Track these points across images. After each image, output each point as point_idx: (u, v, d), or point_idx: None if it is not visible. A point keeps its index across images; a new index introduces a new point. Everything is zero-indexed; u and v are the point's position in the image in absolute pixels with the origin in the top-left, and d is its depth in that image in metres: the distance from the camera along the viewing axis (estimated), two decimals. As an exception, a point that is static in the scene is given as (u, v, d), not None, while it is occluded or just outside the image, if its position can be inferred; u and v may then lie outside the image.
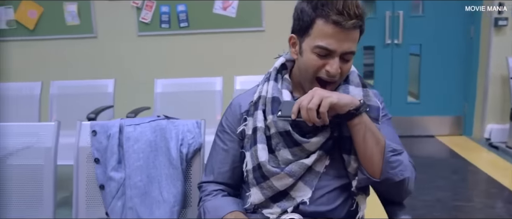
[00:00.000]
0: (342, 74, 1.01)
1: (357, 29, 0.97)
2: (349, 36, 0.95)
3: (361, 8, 0.95)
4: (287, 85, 1.09)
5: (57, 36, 3.62)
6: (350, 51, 0.98)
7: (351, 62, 1.02)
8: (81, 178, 1.40)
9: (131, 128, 1.38)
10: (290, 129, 1.01)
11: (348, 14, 0.92)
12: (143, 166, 1.33)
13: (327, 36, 0.95)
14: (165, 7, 3.50)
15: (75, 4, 3.54)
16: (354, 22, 0.93)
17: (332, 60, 0.97)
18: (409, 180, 1.00)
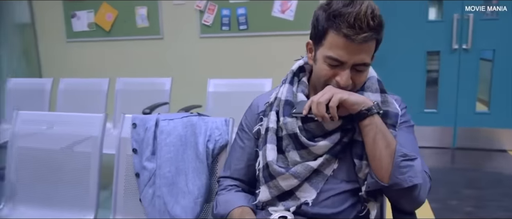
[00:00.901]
0: (355, 85, 1.01)
1: (371, 41, 0.95)
2: (361, 48, 0.94)
3: (378, 18, 0.93)
4: (303, 88, 1.10)
5: (128, 37, 3.94)
6: (363, 63, 0.97)
7: (366, 73, 1.02)
8: (121, 166, 1.54)
9: (165, 123, 1.48)
10: (298, 132, 1.03)
11: (359, 28, 0.91)
12: (173, 158, 1.43)
13: (338, 48, 0.95)
14: (226, 10, 3.64)
15: (145, 8, 3.83)
16: (365, 35, 0.92)
17: (343, 71, 0.97)
18: (420, 188, 0.96)
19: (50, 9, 4.12)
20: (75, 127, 1.64)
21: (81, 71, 4.09)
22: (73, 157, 1.60)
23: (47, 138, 1.66)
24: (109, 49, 4.03)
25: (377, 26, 0.93)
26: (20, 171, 1.67)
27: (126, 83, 3.00)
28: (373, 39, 0.95)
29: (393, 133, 1.01)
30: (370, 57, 0.98)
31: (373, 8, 0.93)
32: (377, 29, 0.94)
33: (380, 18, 0.94)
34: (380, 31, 0.96)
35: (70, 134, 1.63)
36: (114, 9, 3.92)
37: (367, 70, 1.01)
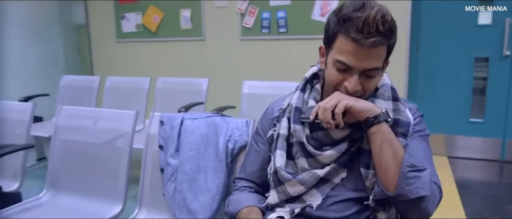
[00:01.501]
0: (365, 91, 0.99)
1: (381, 46, 0.94)
2: (370, 53, 0.93)
3: (388, 23, 0.92)
4: (315, 95, 1.10)
5: (172, 38, 4.09)
6: (373, 68, 0.96)
7: (377, 79, 1.00)
8: (148, 161, 1.62)
9: (189, 122, 1.54)
10: (304, 141, 1.04)
11: (368, 32, 0.90)
12: (194, 156, 1.48)
13: (347, 53, 0.94)
14: (266, 13, 3.68)
15: (189, 10, 3.96)
16: (374, 40, 0.91)
17: (351, 77, 0.96)
18: (427, 200, 0.94)
19: (103, 11, 4.38)
20: (109, 123, 1.75)
21: (128, 69, 4.30)
22: (106, 151, 1.70)
23: (85, 132, 1.79)
24: (154, 49, 4.21)
25: (387, 31, 0.92)
26: (61, 162, 1.81)
27: (166, 82, 3.13)
28: (382, 44, 0.93)
29: (404, 142, 0.99)
30: (380, 62, 0.96)
31: (383, 13, 0.92)
32: (387, 34, 0.92)
33: (391, 23, 0.93)
34: (391, 36, 0.94)
35: (104, 129, 1.75)
36: (160, 11, 4.09)
37: (378, 76, 1.00)
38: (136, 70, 4.24)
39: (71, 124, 1.83)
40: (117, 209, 1.62)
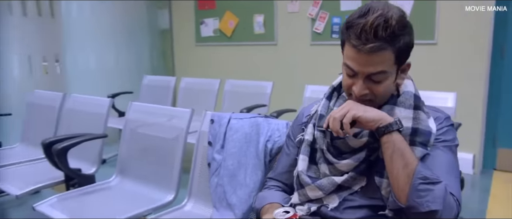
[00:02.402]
0: (375, 95, 1.00)
1: (382, 51, 0.93)
2: (370, 59, 0.94)
3: (391, 28, 0.91)
4: (341, 102, 1.12)
5: (246, 43, 4.28)
6: (377, 72, 0.96)
7: (386, 83, 0.99)
8: (199, 155, 1.76)
9: (235, 121, 1.64)
10: (324, 148, 1.08)
11: (365, 39, 0.92)
12: (236, 153, 1.58)
13: (350, 58, 0.97)
14: (337, 18, 3.67)
15: (262, 15, 4.10)
16: (371, 46, 0.91)
17: (357, 81, 0.98)
18: (439, 214, 0.90)
19: (185, 17, 4.73)
20: (168, 119, 1.93)
21: (205, 71, 4.58)
22: (164, 144, 1.88)
23: (148, 126, 2.00)
24: (229, 52, 4.43)
25: (388, 36, 0.91)
26: (129, 151, 2.04)
27: (234, 84, 3.29)
28: (383, 50, 0.93)
29: (423, 151, 0.98)
30: (385, 66, 0.95)
31: (386, 18, 0.91)
32: (388, 39, 0.92)
33: (394, 27, 0.91)
34: (394, 40, 0.92)
35: (164, 124, 1.93)
36: (236, 17, 4.30)
37: (387, 80, 0.98)
38: (212, 72, 4.50)
39: (138, 119, 2.05)
40: (170, 197, 1.79)
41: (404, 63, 1.01)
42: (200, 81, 3.51)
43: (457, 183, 0.98)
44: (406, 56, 1.00)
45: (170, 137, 1.87)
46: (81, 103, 2.43)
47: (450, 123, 1.06)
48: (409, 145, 0.98)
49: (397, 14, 0.93)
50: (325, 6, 3.70)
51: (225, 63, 4.48)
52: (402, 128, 0.97)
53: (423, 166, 0.94)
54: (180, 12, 4.80)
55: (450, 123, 1.06)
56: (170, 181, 1.82)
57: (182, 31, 4.82)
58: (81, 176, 2.00)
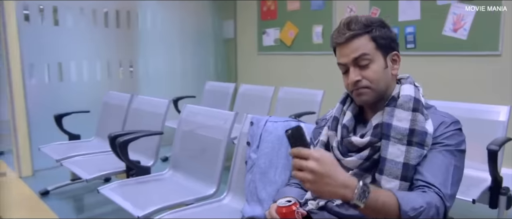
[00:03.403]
0: (369, 80, 1.12)
1: (359, 37, 1.10)
2: (350, 45, 1.11)
3: (360, 22, 1.10)
4: (354, 106, 1.23)
5: (305, 52, 4.39)
6: (359, 55, 1.10)
7: (374, 66, 1.11)
8: (239, 153, 1.93)
9: (270, 124, 1.79)
10: (334, 145, 1.19)
11: (341, 33, 1.12)
12: (269, 153, 1.72)
13: (338, 55, 1.16)
14: (395, 29, 3.64)
15: (321, 26, 4.20)
16: (346, 35, 1.10)
17: (349, 72, 1.13)
18: None
19: (248, 27, 4.98)
20: (215, 120, 2.13)
21: (265, 79, 4.78)
22: (210, 143, 2.08)
23: (198, 126, 2.21)
24: (288, 61, 4.58)
25: (359, 27, 1.10)
26: (181, 148, 2.28)
27: (287, 92, 3.43)
28: (359, 35, 1.10)
29: (420, 151, 1.05)
30: (365, 49, 1.10)
31: (356, 17, 1.12)
32: (361, 27, 1.10)
33: (366, 21, 1.11)
34: (367, 28, 1.10)
35: (211, 125, 2.13)
36: (296, 27, 4.44)
37: (374, 64, 1.11)
38: (271, 79, 4.68)
39: (189, 119, 2.27)
40: (212, 191, 1.98)
41: (390, 53, 1.14)
42: (257, 87, 3.70)
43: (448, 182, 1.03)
44: (388, 46, 1.14)
45: (215, 137, 2.06)
46: (144, 103, 2.74)
47: (457, 127, 1.10)
48: (407, 145, 1.06)
49: (369, 16, 1.12)
50: (383, 16, 3.69)
51: (284, 71, 4.64)
52: (364, 200, 0.91)
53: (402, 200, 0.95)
54: (244, 22, 5.06)
55: (457, 128, 1.10)
56: (213, 176, 2.01)
57: (245, 40, 5.07)
58: (139, 167, 2.27)
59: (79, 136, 3.17)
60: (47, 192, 3.03)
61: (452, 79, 3.36)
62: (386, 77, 1.15)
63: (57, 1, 3.68)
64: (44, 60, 3.69)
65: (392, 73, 1.17)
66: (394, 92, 1.16)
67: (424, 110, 1.12)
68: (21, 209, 2.83)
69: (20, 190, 3.16)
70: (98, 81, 4.04)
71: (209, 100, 4.01)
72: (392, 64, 1.17)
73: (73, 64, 3.89)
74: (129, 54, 4.29)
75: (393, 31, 1.18)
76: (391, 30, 1.17)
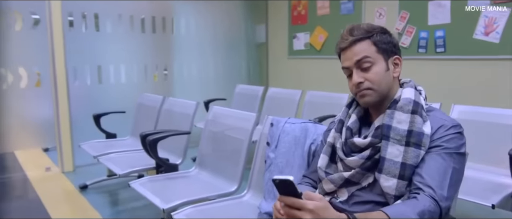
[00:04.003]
0: (371, 82, 1.18)
1: (360, 42, 1.17)
2: (353, 50, 1.18)
3: (360, 29, 1.18)
4: (359, 109, 1.30)
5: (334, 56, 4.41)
6: (359, 59, 1.17)
7: (375, 69, 1.17)
8: (259, 153, 2.02)
9: (288, 125, 1.87)
10: (338, 146, 1.27)
11: (344, 39, 1.20)
12: (286, 152, 1.80)
13: (342, 60, 1.23)
14: (424, 33, 3.62)
15: (350, 30, 4.22)
16: (349, 40, 1.18)
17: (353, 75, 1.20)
18: None
19: (279, 31, 5.07)
20: (238, 121, 2.23)
21: (294, 82, 4.85)
22: (233, 142, 2.19)
23: (222, 126, 2.33)
24: (317, 65, 4.63)
25: (361, 32, 1.18)
26: (206, 147, 2.40)
27: (313, 95, 3.49)
28: (361, 40, 1.17)
29: (417, 151, 1.10)
30: (367, 52, 1.17)
31: (359, 24, 1.20)
32: (363, 33, 1.18)
33: (367, 27, 1.19)
34: (368, 33, 1.18)
35: (234, 125, 2.24)
36: (325, 31, 4.49)
37: (375, 66, 1.17)
38: (301, 83, 4.75)
39: (215, 120, 2.39)
40: (233, 188, 2.08)
41: (391, 57, 1.21)
42: (285, 91, 3.78)
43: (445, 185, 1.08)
44: (390, 50, 1.20)
45: (238, 137, 2.17)
46: (175, 105, 2.90)
47: (457, 131, 1.14)
48: (405, 145, 1.12)
49: (368, 23, 1.19)
50: (412, 20, 3.69)
51: (313, 75, 4.69)
52: None
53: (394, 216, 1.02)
54: (275, 27, 5.16)
55: (457, 131, 1.14)
56: (235, 174, 2.11)
57: (276, 45, 5.17)
58: (168, 165, 2.42)
59: (115, 134, 3.38)
60: (86, 186, 3.26)
61: (483, 83, 3.30)
62: (388, 79, 1.21)
63: (98, 8, 3.94)
64: (85, 64, 3.96)
65: (394, 76, 1.23)
66: (396, 95, 1.22)
67: (423, 112, 1.16)
68: (62, 201, 3.06)
69: (62, 184, 3.41)
70: (134, 84, 4.27)
71: (239, 103, 4.14)
72: (394, 67, 1.23)
73: (112, 67, 4.14)
74: (164, 58, 4.50)
75: (395, 38, 1.24)
76: (392, 36, 1.23)
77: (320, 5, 4.53)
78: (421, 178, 1.09)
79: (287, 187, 0.96)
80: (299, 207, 0.95)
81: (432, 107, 1.25)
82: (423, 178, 1.09)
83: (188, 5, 4.68)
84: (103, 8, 3.98)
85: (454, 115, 2.48)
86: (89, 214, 2.76)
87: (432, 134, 1.14)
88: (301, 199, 0.96)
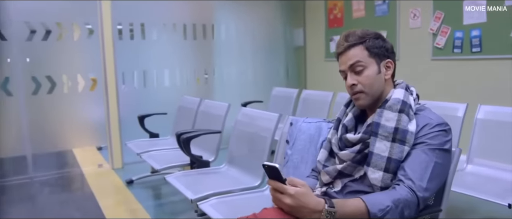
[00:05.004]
0: (363, 85, 1.29)
1: (354, 47, 1.28)
2: (348, 55, 1.30)
3: (355, 35, 1.29)
4: (356, 109, 1.42)
5: (369, 58, 4.45)
6: (353, 63, 1.29)
7: (367, 73, 1.29)
8: (280, 150, 2.17)
9: (305, 124, 2.00)
10: (333, 141, 1.40)
11: (340, 44, 1.32)
12: (301, 149, 1.94)
13: (339, 64, 1.34)
14: (459, 33, 3.58)
15: (385, 32, 4.24)
16: (344, 46, 1.30)
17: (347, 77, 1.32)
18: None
19: (317, 35, 5.18)
20: (263, 121, 2.40)
21: (331, 84, 4.92)
22: (257, 140, 2.36)
23: (249, 126, 2.50)
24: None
25: (355, 39, 1.29)
26: (235, 145, 2.59)
27: (343, 97, 3.55)
28: (355, 46, 1.29)
29: (401, 147, 1.21)
30: (359, 57, 1.28)
31: (354, 31, 1.31)
32: (357, 39, 1.29)
33: (361, 34, 1.29)
34: (361, 39, 1.29)
35: (259, 125, 2.40)
36: (361, 34, 4.53)
37: (367, 70, 1.28)
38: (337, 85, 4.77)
39: (243, 120, 2.57)
40: (257, 182, 2.25)
41: (383, 60, 1.31)
42: (317, 93, 3.89)
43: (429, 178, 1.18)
44: (382, 54, 1.31)
45: (262, 135, 2.33)
46: (209, 106, 3.12)
47: (441, 129, 1.23)
48: (391, 142, 1.22)
49: (363, 30, 1.30)
50: (447, 20, 3.66)
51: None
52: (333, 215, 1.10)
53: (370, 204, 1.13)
54: (312, 31, 5.27)
55: (441, 129, 1.23)
56: (258, 170, 2.28)
57: (314, 48, 5.27)
58: (200, 161, 2.63)
59: (158, 134, 3.67)
60: (132, 181, 3.57)
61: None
62: (379, 81, 1.32)
63: (144, 18, 4.29)
64: (132, 69, 4.31)
65: (385, 78, 1.33)
66: (388, 95, 1.32)
67: (411, 111, 1.26)
68: (111, 194, 3.39)
69: (112, 179, 3.75)
70: (176, 87, 4.58)
71: (275, 105, 4.29)
72: (386, 70, 1.34)
73: (156, 72, 4.47)
74: (204, 62, 4.78)
75: (389, 43, 1.35)
76: (385, 41, 1.34)
77: (355, 8, 4.59)
78: (404, 171, 1.20)
79: (274, 172, 1.12)
80: (282, 191, 1.10)
81: (423, 107, 1.34)
82: (405, 171, 1.20)
83: (228, 12, 4.93)
84: (148, 18, 4.32)
85: (480, 116, 2.49)
86: (133, 206, 3.05)
87: (418, 132, 1.24)
88: (284, 185, 1.11)
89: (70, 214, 2.93)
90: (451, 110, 2.66)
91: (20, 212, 3.02)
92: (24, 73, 3.94)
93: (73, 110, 4.43)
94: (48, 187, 3.60)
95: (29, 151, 3.93)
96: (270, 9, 5.21)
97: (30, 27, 3.98)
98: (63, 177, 3.90)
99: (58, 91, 4.16)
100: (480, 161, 2.44)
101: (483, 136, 2.45)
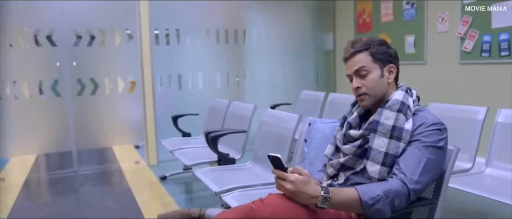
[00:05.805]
0: (367, 88, 1.42)
1: (360, 53, 1.41)
2: (353, 60, 1.43)
3: (360, 42, 1.43)
4: (361, 108, 1.55)
5: (398, 62, 4.49)
6: (358, 68, 1.42)
7: (371, 77, 1.41)
8: (299, 149, 2.31)
9: (321, 124, 2.14)
10: (338, 137, 1.53)
11: (347, 50, 1.44)
12: (316, 147, 2.08)
13: (346, 68, 1.48)
14: (488, 36, 3.57)
15: (413, 36, 4.28)
16: (350, 52, 1.43)
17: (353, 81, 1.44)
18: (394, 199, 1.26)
19: (346, 39, 5.24)
20: (284, 122, 2.55)
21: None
22: (279, 139, 2.51)
23: (272, 126, 2.66)
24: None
25: (360, 45, 1.42)
26: (259, 144, 2.75)
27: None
28: (360, 52, 1.41)
29: (397, 143, 1.33)
30: (364, 63, 1.41)
31: (360, 38, 1.44)
32: (363, 46, 1.42)
33: (366, 41, 1.42)
34: (367, 46, 1.41)
35: (280, 125, 2.56)
36: (389, 38, 4.58)
37: (371, 74, 1.41)
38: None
39: (267, 121, 2.74)
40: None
41: (386, 65, 1.43)
42: (342, 96, 3.99)
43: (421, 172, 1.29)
44: (385, 60, 1.43)
45: (283, 134, 2.49)
46: (237, 107, 3.30)
47: (436, 128, 1.34)
48: (389, 138, 1.34)
49: (369, 37, 1.41)
50: (475, 24, 3.65)
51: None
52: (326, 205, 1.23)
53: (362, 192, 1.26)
54: (342, 35, 5.36)
55: (436, 128, 1.34)
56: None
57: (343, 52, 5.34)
58: (226, 158, 2.82)
59: (190, 134, 3.91)
60: (165, 177, 3.82)
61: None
62: (382, 85, 1.44)
63: (179, 24, 4.56)
64: (168, 72, 4.59)
65: (388, 82, 1.45)
66: (390, 96, 1.44)
67: (408, 112, 1.38)
68: (146, 189, 3.65)
69: (147, 175, 4.02)
70: (209, 89, 4.82)
71: (302, 107, 4.42)
72: (388, 74, 1.46)
73: (190, 75, 4.73)
74: (236, 66, 4.99)
75: (392, 49, 1.47)
76: (389, 47, 1.46)
77: (384, 12, 4.64)
78: (398, 165, 1.32)
79: (277, 162, 1.27)
80: (284, 178, 1.25)
81: (422, 108, 1.46)
82: (399, 165, 1.32)
83: (259, 16, 5.12)
84: (183, 24, 4.59)
85: (500, 119, 2.52)
86: (165, 200, 3.28)
87: (414, 130, 1.36)
88: (286, 173, 1.26)
89: (109, 206, 3.20)
90: (471, 113, 2.70)
91: (66, 202, 3.33)
92: (70, 76, 4.31)
93: (113, 110, 4.76)
94: (90, 181, 3.92)
95: (74, 147, 4.29)
96: (300, 14, 5.35)
97: (76, 33, 4.35)
98: (104, 172, 4.22)
99: (100, 93, 4.51)
100: (499, 164, 2.47)
101: (503, 140, 2.48)
